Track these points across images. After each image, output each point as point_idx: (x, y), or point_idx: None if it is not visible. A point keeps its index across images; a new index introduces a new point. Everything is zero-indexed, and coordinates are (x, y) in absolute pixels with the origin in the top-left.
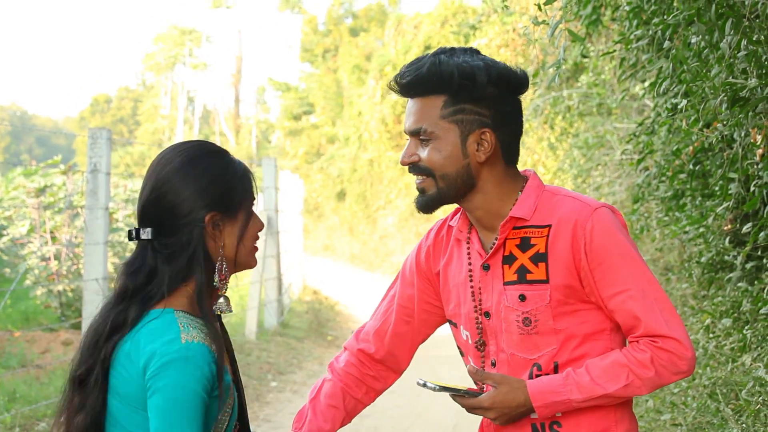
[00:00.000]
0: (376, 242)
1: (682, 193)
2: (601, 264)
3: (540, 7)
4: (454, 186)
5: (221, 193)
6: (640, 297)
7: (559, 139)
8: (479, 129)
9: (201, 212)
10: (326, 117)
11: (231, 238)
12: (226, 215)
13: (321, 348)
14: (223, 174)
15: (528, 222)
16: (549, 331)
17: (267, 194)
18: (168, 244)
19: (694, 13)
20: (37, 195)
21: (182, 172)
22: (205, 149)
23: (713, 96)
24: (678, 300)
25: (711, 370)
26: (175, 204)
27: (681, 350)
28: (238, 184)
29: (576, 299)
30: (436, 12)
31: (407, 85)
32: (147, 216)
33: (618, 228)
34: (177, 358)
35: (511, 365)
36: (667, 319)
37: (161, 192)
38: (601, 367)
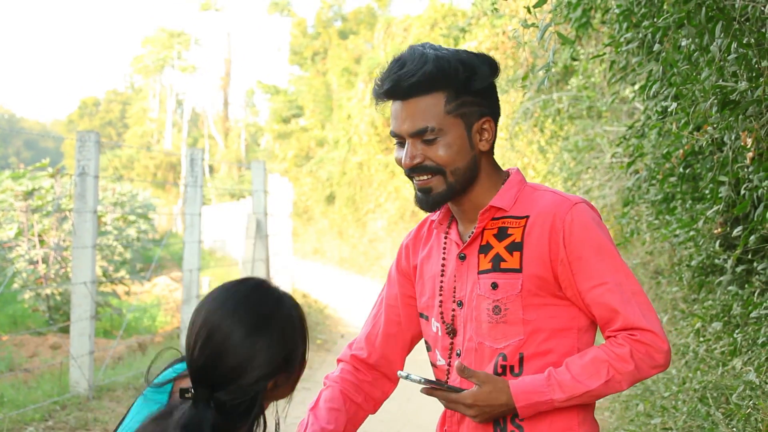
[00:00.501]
0: (365, 246)
1: (673, 196)
2: (579, 257)
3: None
4: (464, 179)
5: (287, 356)
6: (618, 290)
7: (549, 142)
8: (479, 119)
9: (268, 377)
10: (315, 120)
11: (287, 389)
12: (288, 373)
13: (310, 352)
14: (290, 335)
15: (507, 213)
16: (517, 321)
17: (256, 197)
18: (227, 402)
19: (684, 16)
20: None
21: (252, 338)
22: (274, 305)
23: (703, 99)
24: (668, 303)
25: (701, 374)
26: (243, 369)
27: (658, 343)
28: (299, 341)
29: (547, 293)
30: (425, 15)
31: (411, 86)
32: (207, 375)
33: (596, 223)
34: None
35: (477, 354)
36: (644, 312)
37: (227, 354)
38: (581, 365)
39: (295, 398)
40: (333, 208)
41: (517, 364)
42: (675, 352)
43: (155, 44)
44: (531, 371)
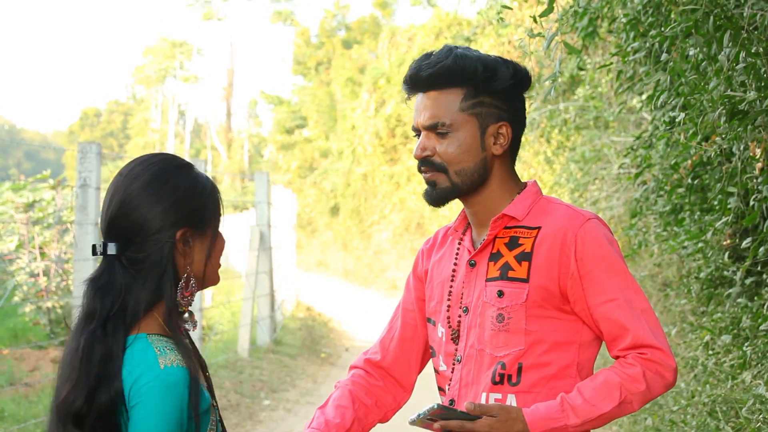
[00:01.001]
0: (370, 258)
1: (681, 207)
2: (590, 272)
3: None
4: (470, 180)
5: (193, 209)
6: (628, 307)
7: (556, 152)
8: (497, 122)
9: (173, 228)
10: (319, 131)
11: (200, 254)
12: (197, 231)
13: (314, 365)
14: (194, 189)
15: (520, 222)
16: (519, 331)
17: (259, 209)
18: (136, 260)
19: (692, 25)
20: (25, 210)
21: (152, 187)
22: (174, 164)
23: (712, 109)
24: (677, 316)
25: (711, 388)
26: (145, 219)
27: (667, 361)
28: (208, 200)
29: (551, 305)
30: (430, 24)
31: (429, 77)
32: (114, 231)
33: (608, 239)
34: (158, 385)
35: (477, 361)
36: (653, 329)
37: (130, 207)
38: (593, 388)
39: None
40: (337, 220)
41: (516, 374)
42: (684, 366)
43: (157, 54)
44: (528, 382)
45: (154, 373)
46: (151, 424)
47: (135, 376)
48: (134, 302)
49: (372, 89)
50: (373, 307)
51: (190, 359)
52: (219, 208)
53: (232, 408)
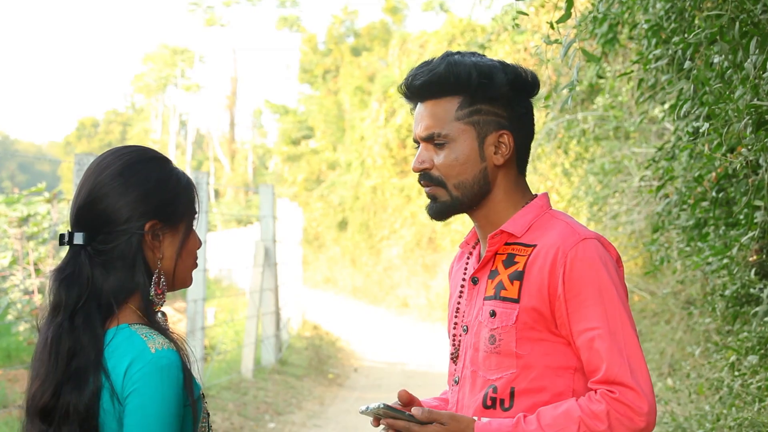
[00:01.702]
0: (379, 274)
1: (705, 222)
2: (576, 296)
3: (552, 25)
4: (470, 193)
5: (163, 202)
6: (609, 339)
7: (574, 164)
8: (497, 130)
9: (141, 219)
10: (327, 141)
11: (170, 250)
12: (167, 225)
13: (321, 387)
14: (167, 182)
15: (518, 239)
16: (509, 354)
17: (264, 223)
18: (103, 250)
19: (717, 31)
20: (19, 225)
21: (122, 177)
22: (147, 155)
23: (737, 119)
24: (701, 335)
25: (737, 411)
26: (113, 209)
27: (638, 403)
28: (181, 194)
29: (543, 327)
30: (443, 30)
31: (422, 86)
32: (81, 220)
33: (603, 262)
34: (152, 369)
35: (471, 383)
36: (633, 366)
37: (98, 196)
38: (552, 416)
39: None
40: (345, 235)
41: (508, 398)
42: (708, 387)
43: (157, 62)
44: (522, 408)
45: (146, 358)
46: (149, 409)
47: (126, 364)
48: (105, 294)
49: (382, 98)
50: (383, 325)
51: (177, 343)
52: (194, 204)
53: (235, 431)
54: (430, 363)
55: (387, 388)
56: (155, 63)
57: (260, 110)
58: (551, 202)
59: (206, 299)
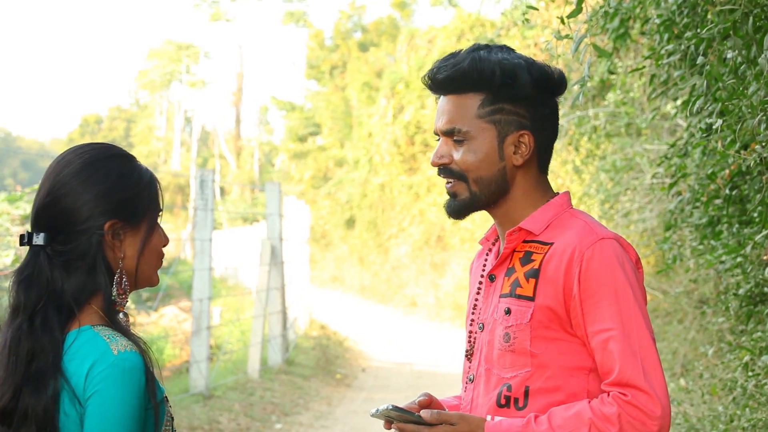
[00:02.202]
0: (387, 273)
1: (718, 219)
2: (591, 297)
3: (563, 20)
4: (488, 190)
5: (123, 200)
6: (623, 340)
7: (585, 161)
8: (518, 131)
9: (100, 219)
10: (334, 138)
11: (132, 249)
12: (128, 224)
13: (329, 387)
14: (127, 179)
15: (536, 237)
16: (524, 352)
17: (270, 221)
18: (63, 251)
19: (730, 26)
20: (22, 223)
21: (82, 175)
22: (109, 152)
23: (751, 115)
24: (714, 335)
25: (750, 411)
26: (72, 209)
27: (650, 407)
28: (143, 192)
29: (558, 327)
30: (451, 25)
31: (444, 80)
32: (41, 220)
33: (620, 263)
34: (114, 371)
35: (485, 381)
36: (647, 369)
37: (57, 195)
38: (563, 417)
39: None
40: (353, 233)
41: (522, 397)
42: (722, 388)
43: (162, 57)
44: (535, 407)
45: (108, 360)
46: (110, 412)
47: (87, 366)
48: (66, 296)
49: (390, 94)
50: (391, 325)
51: (140, 345)
52: (157, 202)
53: None
54: (438, 363)
55: (395, 389)
56: (160, 59)
57: (266, 107)
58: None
59: (212, 298)
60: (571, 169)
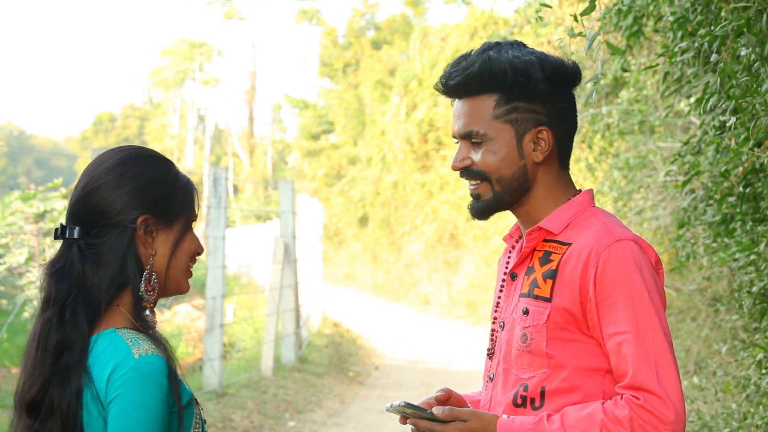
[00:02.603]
0: (400, 271)
1: (732, 217)
2: (607, 299)
3: (576, 17)
4: (510, 189)
5: (157, 197)
6: (638, 344)
7: (598, 159)
8: (535, 127)
9: (133, 213)
10: (347, 136)
11: (164, 247)
12: (161, 221)
13: (342, 385)
14: (163, 178)
15: (555, 236)
16: (540, 353)
17: (284, 219)
18: (95, 244)
19: (744, 23)
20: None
21: (117, 171)
22: (146, 153)
23: (765, 113)
24: (728, 333)
25: (764, 409)
26: (105, 202)
27: (663, 411)
28: (178, 192)
29: (575, 328)
30: (464, 23)
31: (456, 86)
32: (76, 214)
33: (637, 266)
34: (135, 375)
35: (503, 380)
36: (661, 373)
37: (92, 189)
38: (575, 417)
39: None
40: (366, 231)
41: (539, 398)
42: (735, 385)
43: (175, 56)
44: (552, 408)
45: (129, 364)
46: (131, 415)
47: (109, 370)
48: (96, 291)
49: (403, 92)
50: (404, 323)
51: (163, 349)
52: (192, 205)
53: (255, 430)
54: (451, 361)
55: (408, 386)
56: (173, 57)
57: (279, 105)
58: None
59: (225, 296)
60: (584, 167)
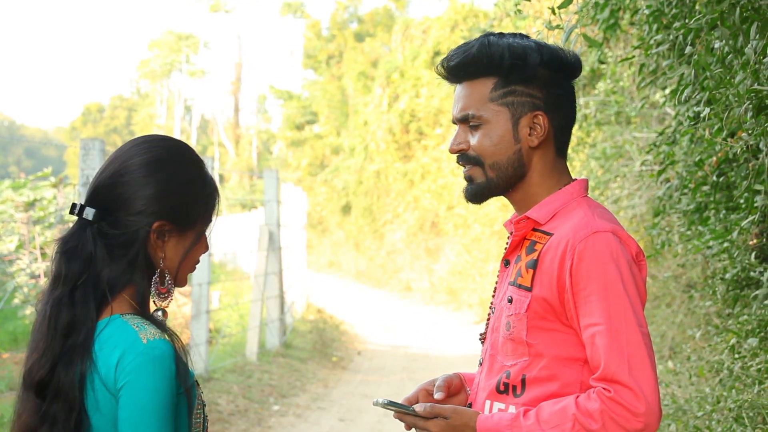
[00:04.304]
0: (383, 258)
1: (705, 206)
2: (582, 291)
3: (554, 10)
4: (505, 175)
5: (179, 205)
6: (610, 336)
7: (576, 149)
8: (531, 111)
9: (151, 217)
10: (330, 127)
11: (174, 253)
12: (176, 229)
13: (325, 369)
14: (189, 187)
15: (541, 226)
16: (521, 342)
17: (268, 208)
18: (108, 234)
19: (718, 16)
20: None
21: (149, 169)
22: (180, 155)
23: (738, 104)
24: (701, 318)
25: (737, 393)
26: (128, 197)
27: (634, 404)
28: (200, 201)
29: (554, 318)
30: (445, 16)
31: (455, 67)
32: (97, 198)
33: (613, 258)
34: (144, 360)
35: (489, 366)
36: (633, 365)
37: (119, 180)
38: (550, 412)
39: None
40: (349, 219)
41: (520, 385)
42: (709, 370)
43: (162, 47)
44: (531, 396)
45: (138, 349)
46: (143, 400)
47: (117, 356)
48: (104, 280)
49: (385, 84)
50: (386, 309)
51: (169, 333)
52: (211, 214)
53: (240, 414)
54: (432, 346)
55: (390, 371)
56: (160, 49)
57: (264, 96)
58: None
59: (211, 283)
60: None
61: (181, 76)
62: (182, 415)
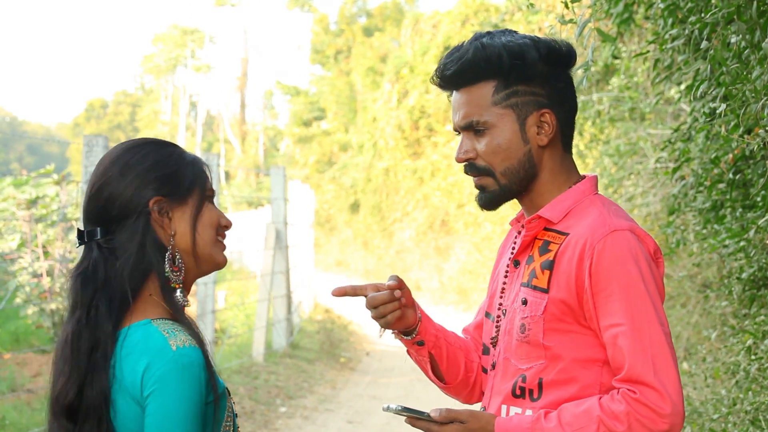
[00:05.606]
0: (392, 257)
1: (721, 204)
2: (602, 291)
3: (567, 4)
4: (518, 178)
5: (164, 176)
6: (633, 336)
7: (589, 146)
8: (537, 110)
9: (143, 197)
10: (338, 123)
11: (182, 225)
12: (173, 200)
13: (333, 371)
14: (166, 158)
15: (554, 226)
16: (537, 344)
17: (275, 206)
18: (113, 238)
19: (734, 10)
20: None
21: (121, 161)
22: (146, 140)
23: (754, 100)
24: (717, 319)
25: (753, 395)
26: (115, 194)
27: (660, 404)
28: (185, 168)
29: (572, 319)
30: (456, 10)
31: (453, 75)
32: (91, 215)
33: (633, 256)
34: (173, 368)
35: (503, 370)
36: (658, 366)
37: (101, 185)
38: (573, 414)
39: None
40: (357, 217)
41: (536, 389)
42: (725, 371)
43: (167, 42)
44: (549, 399)
45: (167, 356)
46: (170, 409)
47: (144, 363)
48: (119, 282)
49: (394, 79)
50: None
51: (200, 340)
52: (203, 177)
53: (247, 415)
54: None
55: (399, 372)
56: (165, 44)
57: (271, 91)
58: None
59: (217, 282)
60: (575, 154)
61: (186, 72)
62: (209, 425)
